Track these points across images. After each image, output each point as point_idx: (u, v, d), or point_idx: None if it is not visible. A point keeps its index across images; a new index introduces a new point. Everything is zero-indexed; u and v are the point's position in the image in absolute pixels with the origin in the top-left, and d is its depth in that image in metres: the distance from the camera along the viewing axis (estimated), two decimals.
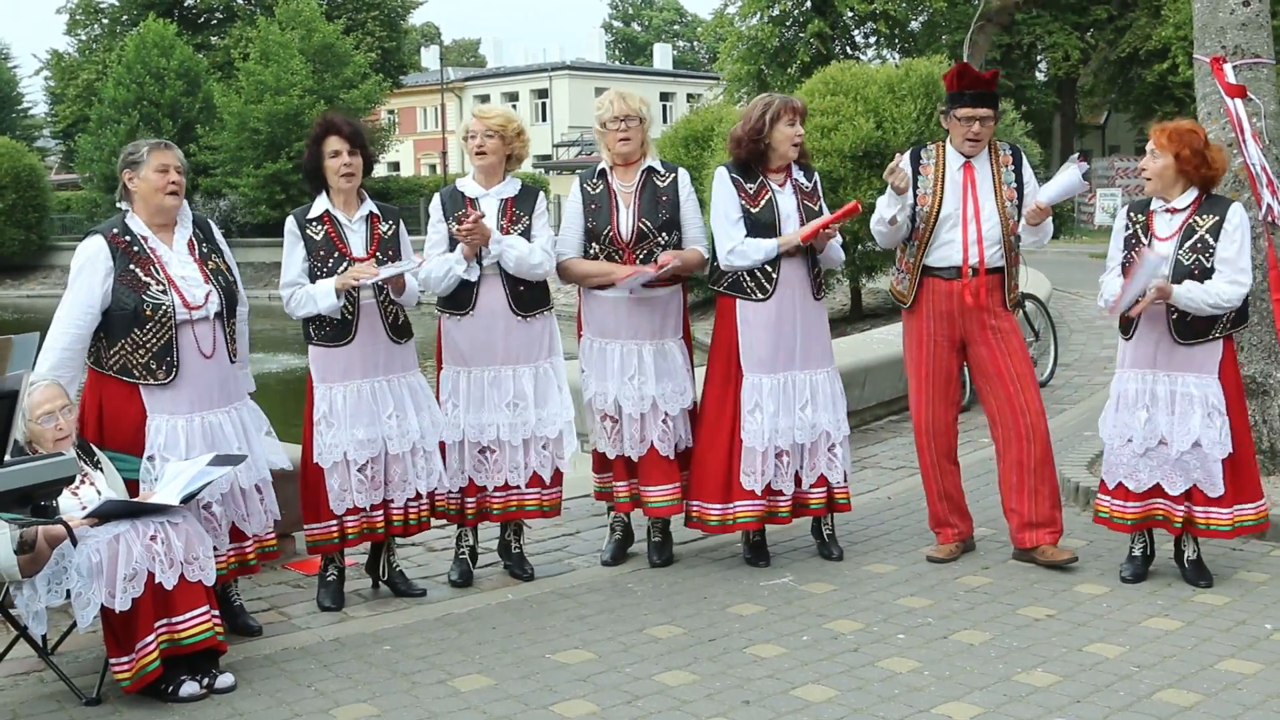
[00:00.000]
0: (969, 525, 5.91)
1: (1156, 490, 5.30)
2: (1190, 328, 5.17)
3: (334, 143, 5.18)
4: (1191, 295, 5.08)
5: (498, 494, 5.55)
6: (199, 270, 4.81)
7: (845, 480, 5.82)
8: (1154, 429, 5.26)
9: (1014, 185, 5.64)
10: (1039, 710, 4.08)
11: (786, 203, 5.65)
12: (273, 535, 5.05)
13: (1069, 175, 5.43)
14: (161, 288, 4.70)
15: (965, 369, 5.91)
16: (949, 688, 4.28)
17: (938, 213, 5.61)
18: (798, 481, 5.73)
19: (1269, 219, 6.28)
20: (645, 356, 5.66)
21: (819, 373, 5.72)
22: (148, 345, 4.69)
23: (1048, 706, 4.10)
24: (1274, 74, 6.63)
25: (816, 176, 5.83)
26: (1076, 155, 5.75)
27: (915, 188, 5.68)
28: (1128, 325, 5.32)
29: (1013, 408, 5.65)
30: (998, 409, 5.70)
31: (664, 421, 5.67)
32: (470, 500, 5.56)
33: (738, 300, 5.66)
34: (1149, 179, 5.26)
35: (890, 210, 5.64)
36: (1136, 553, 5.46)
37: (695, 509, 5.74)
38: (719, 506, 5.66)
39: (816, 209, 5.71)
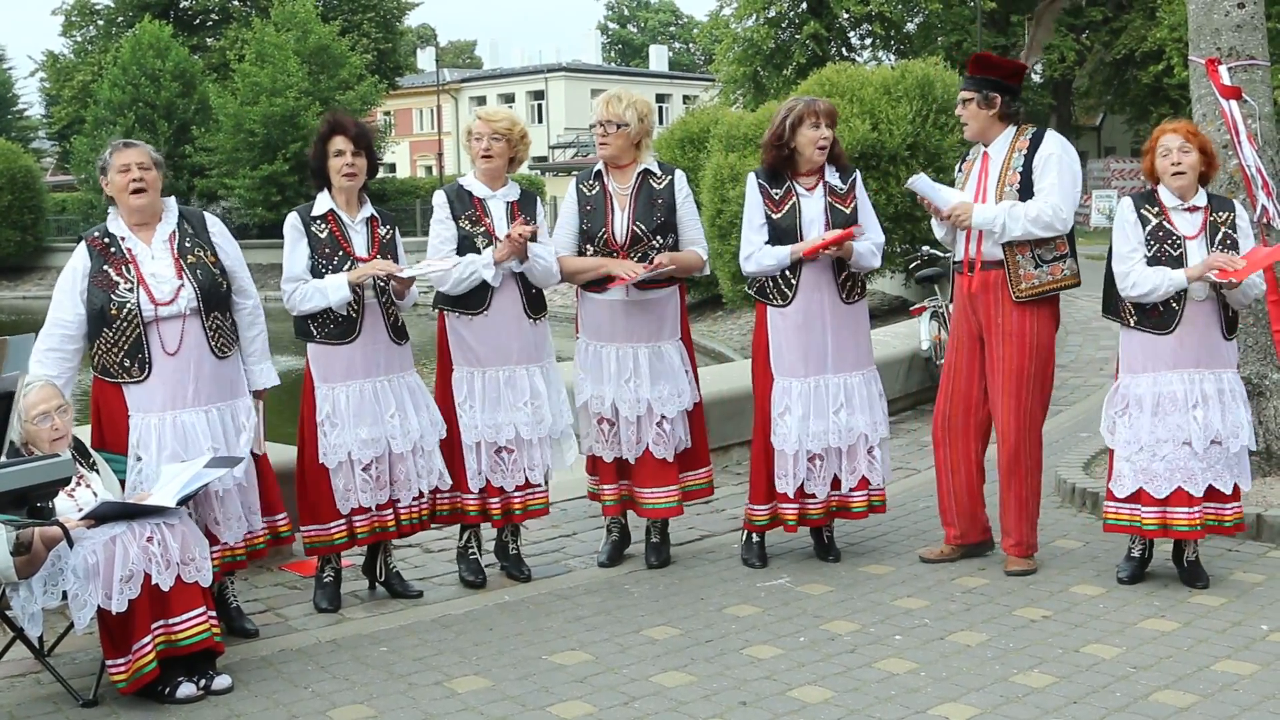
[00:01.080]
0: (975, 533, 5.79)
1: (1209, 492, 5.20)
2: (1232, 324, 5.21)
3: (339, 142, 5.20)
4: (1254, 282, 5.17)
5: (517, 493, 5.57)
6: (173, 265, 4.77)
7: (884, 482, 5.83)
8: (1210, 428, 5.17)
9: (1019, 169, 5.46)
10: (1036, 711, 4.08)
11: (811, 208, 5.60)
12: (243, 545, 4.93)
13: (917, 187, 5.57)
14: (129, 286, 4.69)
15: None
16: (946, 689, 4.28)
17: None
18: (837, 485, 5.73)
19: (1264, 220, 6.29)
20: (641, 359, 5.65)
21: (854, 375, 5.70)
22: (119, 344, 4.70)
23: (1044, 707, 4.10)
24: (1269, 75, 6.64)
25: (857, 176, 5.76)
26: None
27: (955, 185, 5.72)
28: (1168, 321, 5.18)
29: (994, 416, 5.63)
30: (989, 411, 5.70)
31: (660, 424, 5.67)
32: (494, 501, 5.56)
33: (767, 306, 5.68)
34: (1185, 172, 5.18)
35: (939, 231, 5.73)
36: (1135, 554, 5.45)
37: (747, 510, 5.82)
38: (764, 507, 5.72)
39: (848, 210, 5.65)
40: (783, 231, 5.59)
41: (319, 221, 5.24)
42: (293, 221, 5.26)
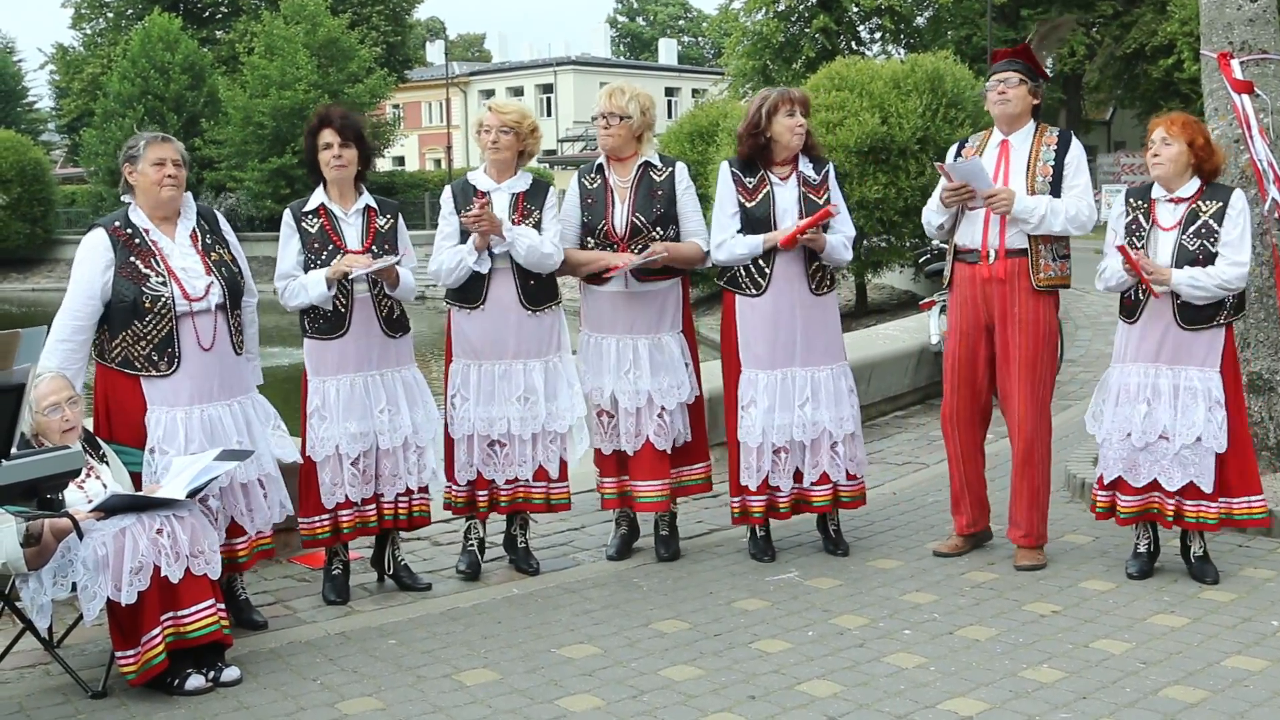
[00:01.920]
0: (984, 518, 5.86)
1: (1153, 485, 5.30)
2: (1199, 312, 5.17)
3: (326, 135, 5.21)
4: (1195, 280, 5.09)
5: (506, 487, 5.56)
6: (200, 261, 4.81)
7: (850, 478, 5.79)
8: (1154, 423, 5.25)
9: (1051, 163, 5.49)
10: (1045, 706, 4.07)
11: (785, 197, 5.62)
12: (269, 534, 5.00)
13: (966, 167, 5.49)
14: (161, 279, 4.70)
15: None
16: (954, 683, 4.28)
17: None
18: (799, 478, 5.72)
19: (1275, 214, 6.26)
20: (641, 351, 5.66)
21: (821, 370, 5.68)
22: (148, 337, 4.69)
23: (1053, 702, 4.10)
24: None
25: (830, 168, 5.77)
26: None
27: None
28: (1133, 309, 5.31)
29: (1007, 406, 5.62)
30: (1000, 403, 5.69)
31: (660, 416, 5.67)
32: (482, 493, 5.57)
33: (736, 295, 5.67)
34: (1161, 164, 5.23)
35: (939, 218, 5.69)
36: (1142, 549, 5.45)
37: (730, 503, 5.81)
38: (739, 500, 5.72)
39: (821, 201, 5.65)
40: (756, 220, 5.59)
41: (310, 216, 5.25)
42: (285, 218, 5.29)
